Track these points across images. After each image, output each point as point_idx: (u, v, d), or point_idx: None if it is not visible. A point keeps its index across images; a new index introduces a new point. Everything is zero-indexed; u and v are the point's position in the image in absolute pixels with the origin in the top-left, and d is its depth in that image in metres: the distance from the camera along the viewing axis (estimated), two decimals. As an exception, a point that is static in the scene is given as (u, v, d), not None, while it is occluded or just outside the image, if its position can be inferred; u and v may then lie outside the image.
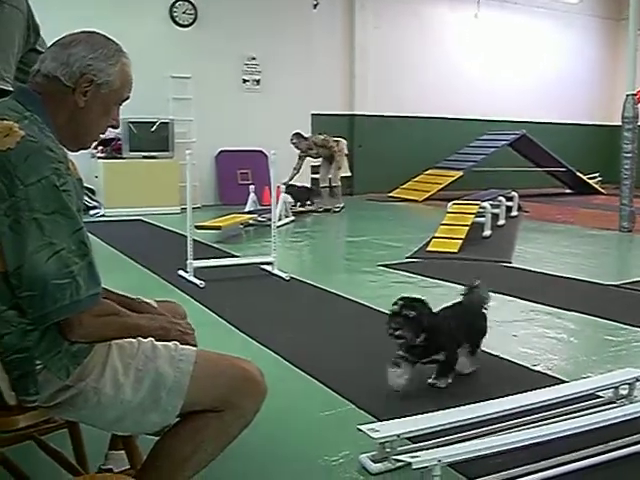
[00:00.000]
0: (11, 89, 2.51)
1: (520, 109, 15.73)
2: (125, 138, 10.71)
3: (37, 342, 1.71)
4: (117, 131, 10.73)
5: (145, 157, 10.78)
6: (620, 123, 9.48)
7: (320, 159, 11.77)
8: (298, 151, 11.34)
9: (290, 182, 11.01)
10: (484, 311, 3.82)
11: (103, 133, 1.95)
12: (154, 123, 10.88)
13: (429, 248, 7.50)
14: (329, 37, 13.68)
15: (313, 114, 12.78)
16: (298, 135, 11.29)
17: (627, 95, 9.40)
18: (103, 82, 1.84)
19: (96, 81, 1.83)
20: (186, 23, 11.59)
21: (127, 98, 1.95)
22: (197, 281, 5.75)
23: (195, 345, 2.02)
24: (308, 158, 11.70)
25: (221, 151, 12.01)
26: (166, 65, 10.97)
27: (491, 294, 3.96)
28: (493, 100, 15.46)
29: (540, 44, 16.21)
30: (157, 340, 1.92)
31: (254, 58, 12.14)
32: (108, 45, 1.87)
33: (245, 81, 12.16)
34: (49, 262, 1.64)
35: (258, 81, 12.23)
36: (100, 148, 10.61)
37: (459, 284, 5.87)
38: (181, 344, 1.95)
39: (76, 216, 1.71)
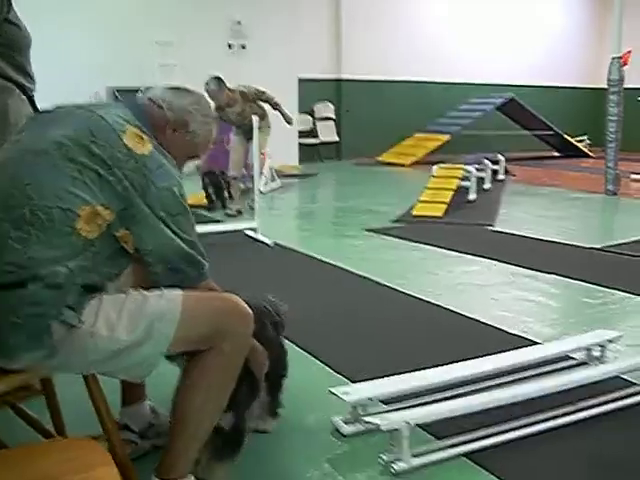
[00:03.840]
0: None
1: (509, 72, 15.65)
2: (111, 106, 10.62)
3: (52, 296, 1.81)
4: (103, 99, 10.69)
5: (131, 124, 10.70)
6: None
7: (234, 128, 8.10)
8: (214, 109, 7.06)
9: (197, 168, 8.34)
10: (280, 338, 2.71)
11: None
12: (140, 90, 10.78)
13: (414, 212, 7.53)
14: (316, 1, 13.56)
15: (300, 79, 12.70)
16: (218, 80, 7.51)
17: (613, 58, 9.39)
18: (192, 130, 2.18)
19: (188, 127, 2.16)
20: (170, -13, 11.46)
21: (197, 157, 2.30)
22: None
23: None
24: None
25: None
26: (150, 31, 10.84)
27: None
28: (482, 64, 15.38)
29: (528, 7, 16.09)
30: None
31: (239, 22, 12.03)
32: (209, 109, 2.28)
33: (230, 46, 12.06)
34: (181, 246, 1.97)
35: (244, 46, 12.13)
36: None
37: (440, 247, 5.98)
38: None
39: (192, 219, 2.05)
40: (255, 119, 6.58)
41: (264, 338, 2.35)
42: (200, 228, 6.09)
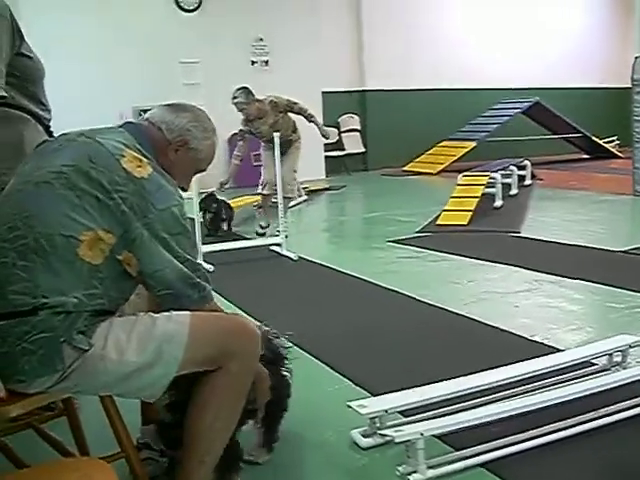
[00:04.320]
0: (4, 94, 2.59)
1: (533, 76, 15.54)
2: (138, 126, 10.78)
3: (62, 321, 1.86)
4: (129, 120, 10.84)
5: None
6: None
7: (265, 143, 7.52)
8: (244, 122, 7.38)
9: (221, 185, 7.34)
10: (284, 372, 2.67)
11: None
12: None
13: (439, 222, 7.53)
14: (336, 10, 13.56)
15: (324, 92, 12.75)
16: (246, 91, 7.17)
17: (636, 57, 9.31)
18: (193, 147, 2.22)
19: (189, 145, 2.21)
20: (191, 8, 11.58)
21: (203, 170, 2.34)
22: (207, 265, 5.84)
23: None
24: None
25: (233, 134, 12.02)
26: (174, 51, 10.97)
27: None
28: (505, 68, 15.30)
29: (550, 9, 16.00)
30: None
31: (261, 39, 12.14)
32: (208, 122, 2.28)
33: (254, 62, 12.17)
34: (182, 269, 2.00)
35: (267, 62, 12.24)
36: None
37: (464, 256, 5.97)
38: None
39: (192, 237, 2.13)
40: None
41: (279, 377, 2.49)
42: (225, 245, 6.26)
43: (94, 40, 10.56)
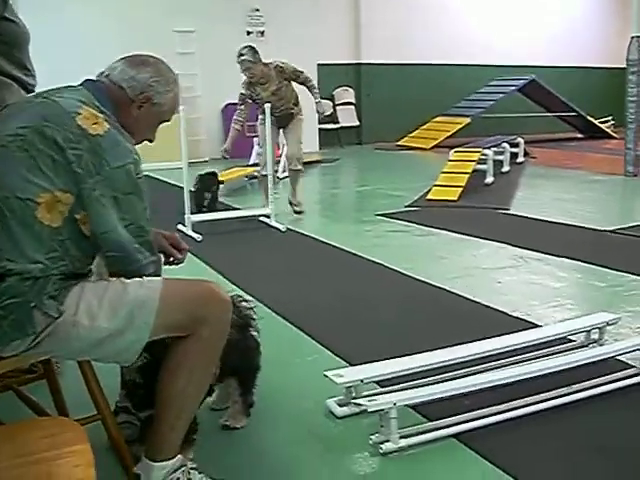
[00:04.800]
0: None
1: (530, 54, 15.51)
2: (131, 94, 10.74)
3: (31, 286, 1.87)
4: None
5: (150, 111, 10.79)
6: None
7: (263, 114, 6.74)
8: (245, 85, 6.81)
9: (225, 152, 6.90)
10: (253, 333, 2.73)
11: (141, 143, 2.23)
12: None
13: (429, 196, 7.56)
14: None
15: (319, 64, 12.70)
16: (253, 51, 6.69)
17: (632, 37, 9.28)
18: (157, 102, 2.19)
19: (152, 100, 2.18)
20: (187, -23, 11.53)
21: (168, 120, 2.29)
22: (195, 235, 5.87)
23: None
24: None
25: (228, 104, 12.00)
26: (169, 20, 10.90)
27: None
28: (502, 45, 15.25)
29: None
30: None
31: (257, 10, 12.07)
32: (169, 74, 2.25)
33: (249, 33, 12.11)
34: (128, 231, 1.98)
35: (262, 32, 12.18)
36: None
37: (452, 231, 6.00)
38: None
39: (145, 199, 2.06)
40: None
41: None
42: (214, 215, 6.27)
43: (90, 9, 10.52)
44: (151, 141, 2.29)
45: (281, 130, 7.07)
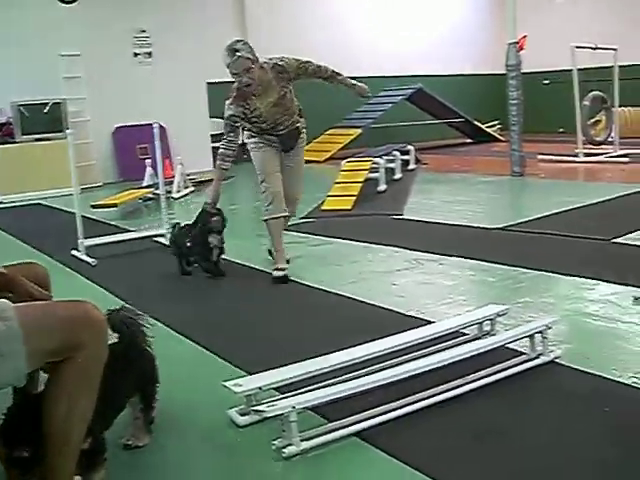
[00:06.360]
0: None
1: (418, 63, 15.89)
2: (16, 122, 10.47)
3: None
4: (7, 115, 10.54)
5: (38, 139, 10.51)
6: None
7: (258, 136, 5.15)
8: (234, 100, 4.86)
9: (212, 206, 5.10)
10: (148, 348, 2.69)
11: None
12: (46, 104, 10.66)
13: (323, 207, 7.63)
14: (221, 4, 13.55)
15: (209, 82, 12.66)
16: (249, 45, 4.82)
17: (509, 44, 9.68)
18: None
19: None
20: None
21: None
22: (89, 259, 5.77)
23: None
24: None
25: (118, 127, 11.86)
26: (54, 44, 10.66)
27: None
28: (394, 55, 15.57)
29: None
30: None
31: (144, 31, 11.96)
32: None
33: (137, 54, 11.99)
34: None
35: (150, 53, 12.07)
36: (-9, 134, 10.39)
37: (346, 239, 6.09)
38: None
39: None
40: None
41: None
42: (108, 238, 6.18)
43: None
44: None
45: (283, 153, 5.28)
